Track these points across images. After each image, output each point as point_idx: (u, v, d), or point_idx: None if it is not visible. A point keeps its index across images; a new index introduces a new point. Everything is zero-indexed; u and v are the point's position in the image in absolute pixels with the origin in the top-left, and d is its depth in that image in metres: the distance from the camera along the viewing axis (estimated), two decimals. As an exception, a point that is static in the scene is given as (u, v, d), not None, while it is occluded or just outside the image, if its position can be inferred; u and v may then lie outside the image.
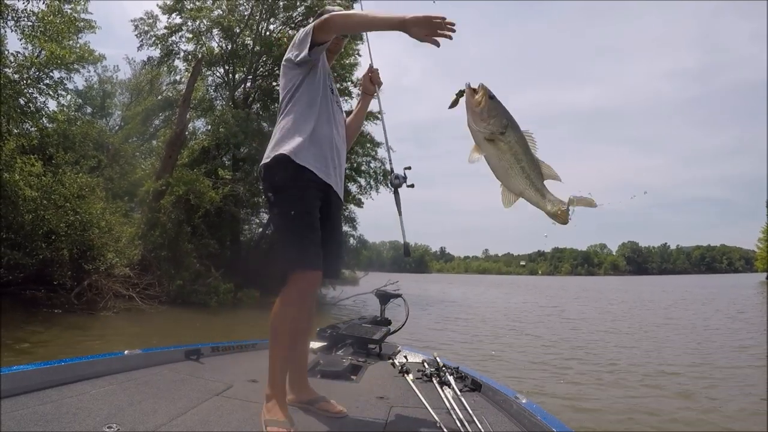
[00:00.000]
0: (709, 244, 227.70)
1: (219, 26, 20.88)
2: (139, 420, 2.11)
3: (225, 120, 19.07)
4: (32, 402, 2.15)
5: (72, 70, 16.22)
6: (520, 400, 2.59)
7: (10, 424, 1.89)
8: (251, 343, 4.06)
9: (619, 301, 27.64)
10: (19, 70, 14.27)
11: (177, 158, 18.03)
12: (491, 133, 1.79)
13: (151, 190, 16.63)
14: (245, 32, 21.47)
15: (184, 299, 15.42)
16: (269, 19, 21.41)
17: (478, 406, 2.65)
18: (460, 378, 3.16)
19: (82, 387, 2.45)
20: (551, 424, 2.24)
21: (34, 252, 12.23)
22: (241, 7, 21.73)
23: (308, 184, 2.31)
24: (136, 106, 27.38)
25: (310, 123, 2.38)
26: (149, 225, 16.09)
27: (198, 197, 16.55)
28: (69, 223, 12.72)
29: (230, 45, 21.41)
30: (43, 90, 15.02)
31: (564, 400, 6.33)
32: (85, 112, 24.78)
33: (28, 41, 14.51)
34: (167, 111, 24.34)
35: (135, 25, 21.49)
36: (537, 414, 2.35)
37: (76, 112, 22.51)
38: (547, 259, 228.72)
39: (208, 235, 17.44)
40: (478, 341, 11.48)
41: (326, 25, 2.29)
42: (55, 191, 12.75)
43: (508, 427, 2.40)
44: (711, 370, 8.17)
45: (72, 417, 2.05)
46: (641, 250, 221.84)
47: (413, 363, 3.54)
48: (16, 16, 13.95)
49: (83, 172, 14.51)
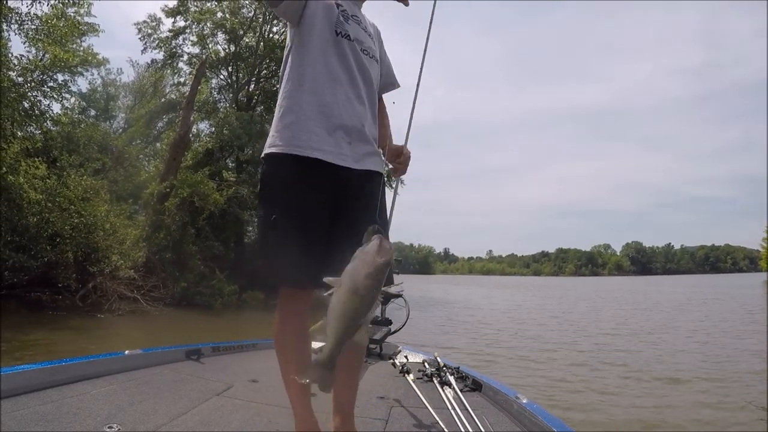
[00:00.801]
0: (713, 244, 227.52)
1: (222, 29, 20.95)
2: (139, 420, 2.12)
3: (229, 122, 19.13)
4: (33, 402, 2.16)
5: (75, 73, 16.31)
6: (521, 400, 2.58)
7: (11, 424, 1.89)
8: (252, 343, 4.07)
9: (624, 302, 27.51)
10: (23, 73, 14.33)
11: (181, 160, 18.05)
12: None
13: (155, 192, 16.65)
14: (248, 34, 21.52)
15: (188, 301, 15.44)
16: (272, 21, 21.45)
17: (478, 406, 2.65)
18: (461, 378, 3.16)
19: (83, 387, 2.45)
20: (552, 424, 2.23)
21: (39, 254, 12.27)
22: (244, 9, 21.80)
23: (297, 175, 1.79)
24: (139, 108, 27.40)
25: (300, 91, 1.85)
26: (154, 227, 16.12)
27: (202, 199, 16.58)
28: (73, 226, 12.78)
29: (234, 47, 21.46)
30: (47, 93, 15.08)
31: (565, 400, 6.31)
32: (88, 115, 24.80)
33: (32, 44, 14.57)
34: (171, 113, 24.35)
35: (138, 28, 21.59)
36: (538, 414, 2.35)
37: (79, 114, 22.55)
38: (551, 259, 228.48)
39: (213, 237, 17.45)
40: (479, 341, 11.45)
41: None
42: (60, 194, 12.81)
43: (509, 427, 2.40)
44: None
45: (72, 417, 2.05)
46: (645, 250, 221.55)
47: (414, 363, 3.54)
48: (20, 19, 14.02)
49: (87, 174, 14.59)
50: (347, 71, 1.89)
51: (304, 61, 1.86)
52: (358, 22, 1.98)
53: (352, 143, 1.87)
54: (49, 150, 14.48)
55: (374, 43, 2.05)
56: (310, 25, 1.86)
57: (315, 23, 1.86)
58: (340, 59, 1.87)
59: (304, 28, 1.87)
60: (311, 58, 1.85)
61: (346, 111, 1.86)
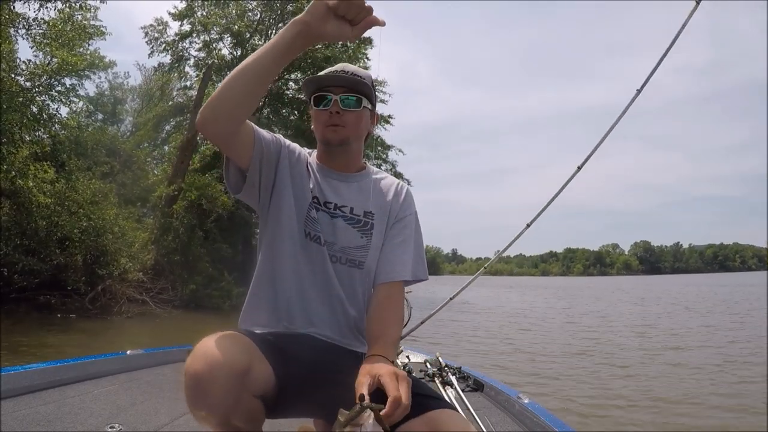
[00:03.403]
0: (721, 243, 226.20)
1: (229, 32, 21.02)
2: (141, 420, 2.13)
3: (236, 124, 19.16)
4: (34, 402, 2.17)
5: (83, 77, 16.43)
6: (523, 400, 2.58)
7: (13, 424, 1.90)
8: None
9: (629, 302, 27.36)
10: (31, 77, 14.43)
11: (189, 163, 18.14)
12: None
13: (163, 195, 16.75)
14: (255, 37, 21.58)
15: (197, 303, 15.52)
16: (278, 24, 21.49)
17: (480, 406, 2.65)
18: (463, 378, 3.15)
19: (85, 387, 2.47)
20: (553, 424, 2.23)
21: (49, 258, 12.38)
22: (251, 12, 21.85)
23: None
24: (147, 112, 27.59)
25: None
26: (162, 230, 16.21)
27: (210, 202, 16.66)
28: (82, 229, 12.88)
29: (240, 50, 21.52)
30: (55, 97, 15.18)
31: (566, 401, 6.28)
32: (96, 119, 25.00)
33: (39, 49, 14.67)
34: (178, 117, 24.50)
35: (145, 32, 21.70)
36: (539, 414, 2.34)
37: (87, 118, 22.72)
38: (560, 259, 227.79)
39: (221, 240, 17.53)
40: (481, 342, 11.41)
41: (200, 120, 1.33)
42: (69, 197, 12.92)
43: (511, 427, 2.39)
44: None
45: (74, 417, 2.06)
46: (654, 250, 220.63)
47: (415, 363, 3.52)
48: (28, 24, 14.11)
49: (96, 178, 14.71)
50: (316, 281, 1.53)
51: (273, 263, 1.54)
52: (338, 208, 1.57)
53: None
54: (57, 154, 14.57)
55: (365, 233, 1.58)
56: (275, 220, 1.53)
57: (281, 219, 1.52)
58: (310, 267, 1.52)
59: (270, 219, 1.54)
60: (279, 261, 1.54)
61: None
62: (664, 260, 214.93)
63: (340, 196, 1.57)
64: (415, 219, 1.67)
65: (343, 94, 1.51)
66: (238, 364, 1.18)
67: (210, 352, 1.18)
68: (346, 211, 1.57)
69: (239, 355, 1.21)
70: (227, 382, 1.16)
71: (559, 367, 8.48)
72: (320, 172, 1.59)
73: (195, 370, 1.15)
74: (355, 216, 1.57)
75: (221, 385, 1.16)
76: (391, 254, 1.58)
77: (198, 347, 1.20)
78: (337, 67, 1.57)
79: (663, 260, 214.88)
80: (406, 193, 1.68)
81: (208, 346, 1.20)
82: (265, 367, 1.28)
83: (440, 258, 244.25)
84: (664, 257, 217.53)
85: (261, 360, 1.28)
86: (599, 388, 7.02)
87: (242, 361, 1.20)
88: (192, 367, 1.16)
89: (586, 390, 6.87)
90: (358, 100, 1.53)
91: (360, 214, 1.58)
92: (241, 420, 1.23)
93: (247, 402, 1.23)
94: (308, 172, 1.58)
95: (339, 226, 1.54)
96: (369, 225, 1.58)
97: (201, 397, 1.17)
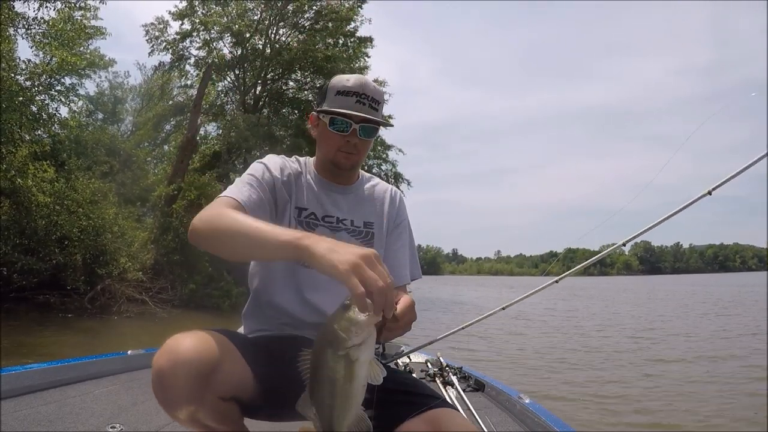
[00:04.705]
0: (722, 243, 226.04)
1: (229, 31, 21.00)
2: (142, 420, 2.13)
3: (236, 124, 19.21)
4: (35, 402, 2.17)
5: (83, 76, 16.39)
6: (524, 400, 2.58)
7: (14, 424, 1.90)
8: None
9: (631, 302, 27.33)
10: (31, 77, 14.41)
11: (189, 163, 18.13)
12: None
13: (163, 194, 16.73)
14: (255, 37, 21.57)
15: (197, 303, 15.49)
16: (279, 23, 21.49)
17: (481, 405, 2.64)
18: (464, 378, 3.15)
19: (85, 387, 2.46)
20: (555, 424, 2.23)
21: (48, 257, 12.37)
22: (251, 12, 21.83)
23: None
24: (147, 111, 27.53)
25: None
26: (161, 229, 16.18)
27: (210, 201, 16.62)
28: (82, 229, 12.86)
29: (240, 50, 21.51)
30: (55, 96, 15.17)
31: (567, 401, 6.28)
32: (96, 118, 24.95)
33: (39, 48, 14.66)
34: (178, 116, 24.47)
35: (146, 30, 21.65)
36: (540, 414, 2.34)
37: (87, 118, 22.69)
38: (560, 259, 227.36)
39: (221, 239, 17.48)
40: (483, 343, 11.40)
41: (191, 235, 1.40)
42: (68, 197, 12.91)
43: (512, 427, 2.39)
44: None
45: (75, 417, 2.06)
46: (654, 250, 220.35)
47: (416, 363, 3.52)
48: (27, 24, 14.10)
49: (95, 177, 14.68)
50: (317, 287, 1.54)
51: (267, 288, 1.61)
52: (341, 222, 1.61)
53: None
54: (57, 153, 14.56)
55: (367, 244, 1.61)
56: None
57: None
58: (310, 277, 1.53)
59: None
60: (274, 286, 1.59)
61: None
62: (665, 260, 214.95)
63: (340, 210, 1.62)
64: (408, 224, 1.76)
65: (363, 123, 1.52)
66: (202, 361, 1.18)
67: (176, 348, 1.19)
68: (348, 224, 1.61)
69: (206, 353, 1.20)
70: (188, 380, 1.15)
71: (559, 368, 8.48)
72: (319, 185, 1.63)
73: (159, 366, 1.16)
74: (356, 228, 1.62)
75: (183, 382, 1.15)
76: (392, 260, 1.64)
77: (167, 343, 1.21)
78: (354, 83, 1.52)
79: (663, 260, 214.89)
80: (399, 200, 1.75)
81: (176, 343, 1.21)
82: (239, 367, 1.27)
83: (441, 258, 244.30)
84: (665, 257, 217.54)
85: (235, 360, 1.27)
86: (600, 387, 7.02)
87: (208, 359, 1.19)
88: (157, 362, 1.17)
89: (586, 390, 6.87)
90: (375, 130, 1.55)
91: (360, 225, 1.64)
92: (210, 419, 1.23)
93: (213, 401, 1.21)
94: (302, 184, 1.61)
95: (342, 238, 1.53)
96: (370, 235, 1.64)
97: (162, 393, 1.17)
